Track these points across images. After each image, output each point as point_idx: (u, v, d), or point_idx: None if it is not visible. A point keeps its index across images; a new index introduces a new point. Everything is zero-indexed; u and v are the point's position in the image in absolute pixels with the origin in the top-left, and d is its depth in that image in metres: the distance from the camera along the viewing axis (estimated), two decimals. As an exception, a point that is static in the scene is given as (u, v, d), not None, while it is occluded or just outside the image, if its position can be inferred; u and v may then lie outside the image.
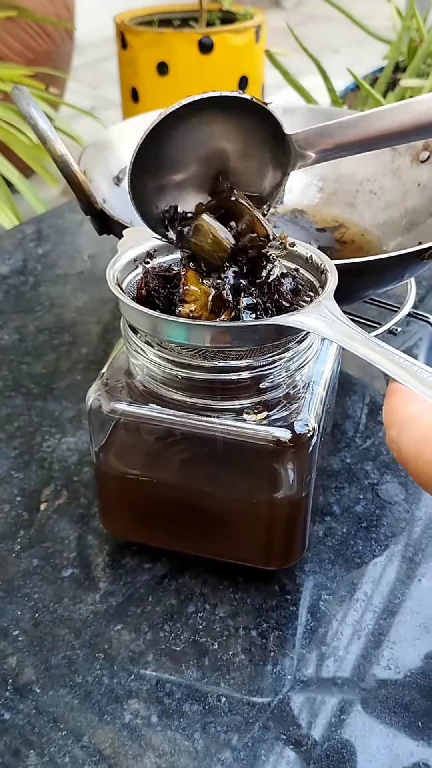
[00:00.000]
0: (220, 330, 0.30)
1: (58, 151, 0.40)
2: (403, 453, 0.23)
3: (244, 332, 0.30)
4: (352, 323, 0.28)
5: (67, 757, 0.30)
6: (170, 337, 0.30)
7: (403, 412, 0.24)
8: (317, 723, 0.31)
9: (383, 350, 0.26)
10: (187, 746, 0.31)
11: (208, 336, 0.30)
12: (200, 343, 0.30)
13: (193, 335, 0.30)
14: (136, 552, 0.39)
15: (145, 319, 0.30)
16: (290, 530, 0.35)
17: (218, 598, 0.36)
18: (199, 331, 0.30)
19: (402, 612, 0.36)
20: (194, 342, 0.30)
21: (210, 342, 0.30)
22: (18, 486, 0.43)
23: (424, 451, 0.22)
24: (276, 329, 0.30)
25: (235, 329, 0.30)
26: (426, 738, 0.31)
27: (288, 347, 0.32)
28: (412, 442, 0.23)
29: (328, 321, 0.29)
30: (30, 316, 0.58)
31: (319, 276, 0.33)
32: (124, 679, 0.33)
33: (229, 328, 0.30)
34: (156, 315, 0.30)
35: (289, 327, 0.29)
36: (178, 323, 0.30)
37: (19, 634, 0.35)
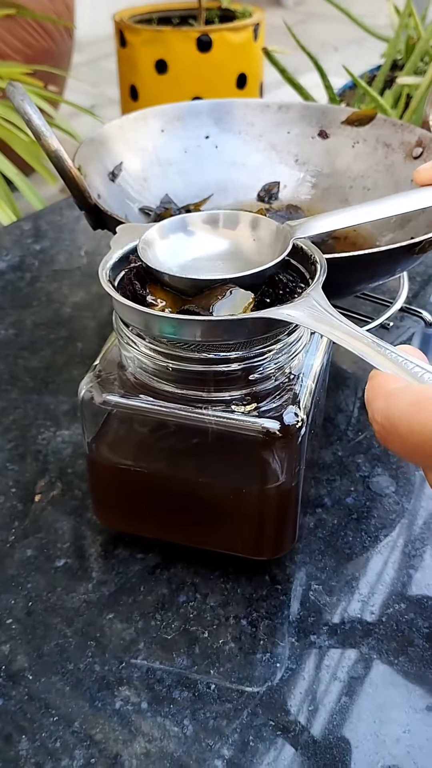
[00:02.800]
0: (209, 324, 0.30)
1: (52, 146, 0.40)
2: (392, 419, 0.23)
3: (234, 326, 0.30)
4: (340, 316, 0.29)
5: (59, 742, 0.31)
6: (161, 332, 0.31)
7: (388, 386, 0.24)
8: (305, 710, 0.32)
9: (370, 342, 0.27)
10: (176, 732, 0.31)
11: (198, 331, 0.30)
12: (191, 338, 0.31)
13: (184, 330, 0.30)
14: (128, 543, 0.39)
15: (135, 315, 0.31)
16: (280, 521, 0.36)
17: (209, 588, 0.37)
18: (189, 326, 0.30)
19: (390, 601, 0.36)
20: (185, 337, 0.31)
21: (200, 336, 0.30)
22: (13, 478, 0.43)
23: (419, 411, 0.22)
24: (265, 322, 0.30)
25: (224, 323, 0.30)
26: (412, 724, 0.31)
27: (278, 339, 0.33)
28: (404, 405, 0.23)
29: (317, 314, 0.29)
30: (27, 312, 0.59)
31: (309, 267, 0.33)
32: (115, 666, 0.33)
33: (218, 322, 0.30)
34: (146, 311, 0.30)
35: (278, 320, 0.30)
36: (168, 319, 0.30)
37: (13, 623, 0.35)
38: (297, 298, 0.30)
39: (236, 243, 0.35)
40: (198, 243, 0.35)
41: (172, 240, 0.34)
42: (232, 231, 0.35)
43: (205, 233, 0.35)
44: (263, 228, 0.35)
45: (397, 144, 0.54)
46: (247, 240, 0.35)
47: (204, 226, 0.35)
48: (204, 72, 1.63)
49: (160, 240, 0.34)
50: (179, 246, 0.34)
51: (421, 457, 0.23)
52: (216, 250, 0.35)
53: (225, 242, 0.35)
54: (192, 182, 0.58)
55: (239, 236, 0.35)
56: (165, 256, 0.34)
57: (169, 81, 1.64)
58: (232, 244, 0.35)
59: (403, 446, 0.23)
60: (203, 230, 0.35)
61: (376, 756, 0.30)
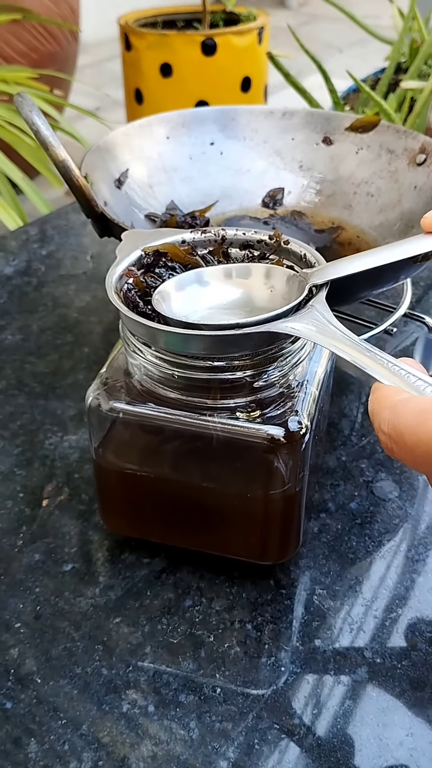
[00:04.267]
0: (214, 339, 0.30)
1: (60, 156, 0.41)
2: (399, 429, 0.23)
3: (238, 339, 0.30)
4: (343, 328, 0.29)
5: (67, 745, 0.31)
6: (167, 345, 0.31)
7: (393, 398, 0.25)
8: (309, 713, 0.32)
9: (373, 355, 0.27)
10: (182, 735, 0.31)
11: (203, 344, 0.30)
12: (196, 351, 0.31)
13: (189, 344, 0.31)
14: (135, 547, 0.39)
15: (142, 328, 0.31)
16: (285, 526, 0.36)
17: (215, 593, 0.37)
18: (194, 340, 0.30)
19: (394, 606, 0.37)
20: (190, 350, 0.31)
21: (205, 350, 0.31)
22: (20, 483, 0.44)
23: (426, 422, 0.23)
24: (269, 335, 0.30)
25: (228, 337, 0.30)
26: (415, 728, 0.32)
27: (282, 348, 0.33)
28: (410, 416, 0.23)
29: (320, 326, 0.29)
30: (33, 316, 0.59)
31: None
32: (122, 670, 0.34)
33: (223, 336, 0.30)
34: (153, 325, 0.31)
35: (282, 333, 0.30)
36: (173, 333, 0.30)
37: (21, 627, 0.36)
38: (301, 310, 0.31)
39: (252, 295, 0.35)
40: (213, 294, 0.35)
41: (188, 292, 0.34)
42: (246, 281, 0.35)
43: (220, 284, 0.35)
44: (277, 277, 0.34)
45: (401, 150, 0.55)
46: (262, 289, 0.35)
47: (219, 278, 0.35)
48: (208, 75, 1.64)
49: (175, 292, 0.34)
50: (194, 298, 0.34)
51: (428, 466, 0.23)
52: (231, 299, 0.35)
53: (239, 292, 0.35)
54: (197, 189, 0.58)
55: (253, 286, 0.35)
56: (179, 307, 0.33)
57: (174, 84, 1.64)
58: (246, 294, 0.35)
59: (411, 456, 0.23)
60: (218, 281, 0.35)
61: (380, 759, 0.31)
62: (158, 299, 0.33)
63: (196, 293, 0.34)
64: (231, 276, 0.35)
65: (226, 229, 0.37)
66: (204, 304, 0.34)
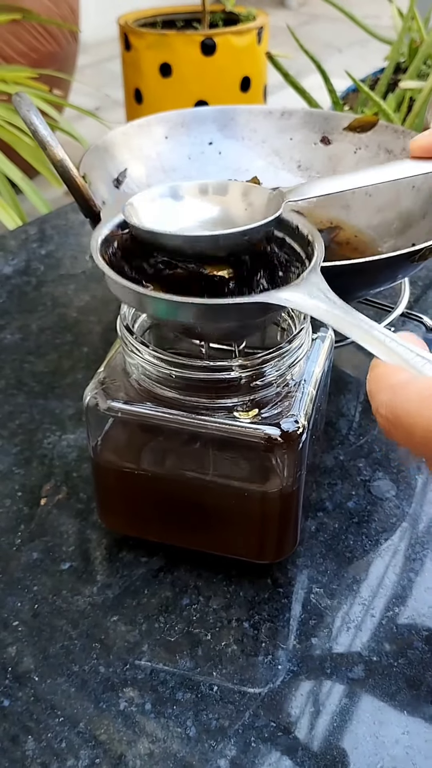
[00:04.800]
0: (203, 307, 0.29)
1: (58, 156, 0.41)
2: (397, 412, 0.23)
3: (228, 310, 0.29)
4: (339, 300, 0.28)
5: (64, 742, 0.31)
6: (154, 313, 0.30)
7: (392, 378, 0.24)
8: (306, 711, 0.32)
9: (371, 329, 0.26)
10: (179, 733, 0.32)
11: (192, 313, 0.29)
12: (184, 320, 0.30)
13: (178, 312, 0.29)
14: (132, 546, 0.40)
15: (129, 294, 0.30)
16: (282, 524, 0.36)
17: (212, 591, 0.37)
18: (183, 308, 0.29)
19: (391, 605, 0.37)
20: (179, 318, 0.30)
21: (194, 319, 0.29)
22: (19, 482, 0.44)
23: (426, 408, 0.22)
24: (261, 307, 0.29)
25: (218, 306, 0.29)
26: (411, 726, 0.32)
27: (280, 347, 0.33)
28: (410, 399, 0.22)
29: (314, 298, 0.28)
30: (33, 316, 0.60)
31: (306, 247, 0.32)
32: (119, 668, 0.34)
33: (212, 305, 0.29)
34: (140, 291, 0.29)
35: (275, 304, 0.29)
36: (161, 300, 0.29)
37: (19, 625, 0.36)
38: (294, 281, 0.29)
39: (227, 210, 0.33)
40: (187, 210, 0.33)
41: (160, 206, 0.33)
42: (222, 198, 0.34)
43: (195, 200, 0.34)
44: (255, 195, 0.33)
45: (399, 150, 0.55)
46: (239, 207, 0.33)
47: (194, 194, 0.34)
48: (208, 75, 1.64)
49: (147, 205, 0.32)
50: (167, 212, 0.33)
51: (426, 451, 0.23)
52: (206, 216, 0.33)
53: (216, 209, 0.34)
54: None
55: (230, 203, 0.34)
56: (152, 222, 0.32)
57: (174, 84, 1.64)
58: (223, 211, 0.33)
59: (409, 440, 0.23)
60: (193, 197, 0.34)
61: (376, 757, 0.31)
62: (129, 210, 0.31)
63: (169, 207, 0.33)
64: (207, 192, 0.34)
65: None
66: (178, 221, 0.33)
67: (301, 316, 0.35)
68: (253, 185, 0.34)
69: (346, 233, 0.55)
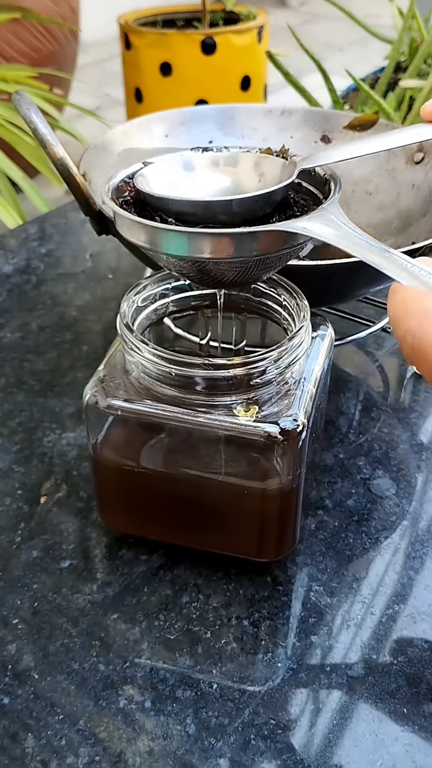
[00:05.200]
0: (220, 238, 0.28)
1: (58, 155, 0.41)
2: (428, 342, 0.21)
3: (246, 240, 0.28)
4: (358, 229, 0.27)
5: (64, 740, 0.31)
6: (170, 249, 0.29)
7: (420, 303, 0.22)
8: (306, 709, 0.32)
9: (390, 255, 0.26)
10: (179, 730, 0.32)
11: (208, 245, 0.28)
12: (199, 255, 0.28)
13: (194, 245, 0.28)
14: (132, 544, 0.40)
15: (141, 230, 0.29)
16: (281, 522, 0.36)
17: (212, 589, 0.37)
18: (200, 241, 0.28)
19: (390, 603, 0.37)
20: (193, 253, 0.28)
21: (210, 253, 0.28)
22: (19, 480, 0.44)
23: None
24: (279, 238, 0.28)
25: (236, 236, 0.28)
26: (410, 723, 0.32)
27: (281, 344, 0.33)
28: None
29: (334, 226, 0.27)
30: (32, 315, 0.60)
31: (323, 188, 0.32)
32: (119, 666, 0.34)
33: (229, 235, 0.28)
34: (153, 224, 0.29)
35: (293, 234, 0.28)
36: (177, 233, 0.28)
37: (19, 623, 0.36)
38: (313, 212, 0.29)
39: (239, 180, 0.33)
40: (200, 180, 0.33)
41: (172, 178, 0.32)
42: (234, 168, 0.33)
43: (207, 171, 0.33)
44: (268, 165, 0.33)
45: (399, 149, 0.55)
46: (252, 177, 0.33)
47: (206, 165, 0.33)
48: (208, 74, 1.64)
49: (159, 175, 0.32)
50: (179, 183, 0.32)
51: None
52: (219, 186, 0.33)
53: (228, 179, 0.33)
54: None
55: (243, 173, 0.33)
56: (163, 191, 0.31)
57: (174, 83, 1.64)
58: (235, 181, 0.33)
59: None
60: (205, 168, 0.33)
61: (375, 754, 0.31)
62: (141, 179, 0.31)
63: (182, 177, 0.33)
64: (218, 164, 0.33)
65: (228, 147, 0.35)
66: (190, 191, 0.32)
67: (301, 314, 0.35)
68: (266, 156, 0.34)
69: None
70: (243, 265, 0.30)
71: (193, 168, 0.33)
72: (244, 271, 0.30)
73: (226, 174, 0.34)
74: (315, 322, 0.38)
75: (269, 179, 0.33)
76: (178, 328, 0.43)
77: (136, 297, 0.37)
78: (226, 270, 0.30)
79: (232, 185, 0.33)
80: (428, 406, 0.50)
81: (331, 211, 0.28)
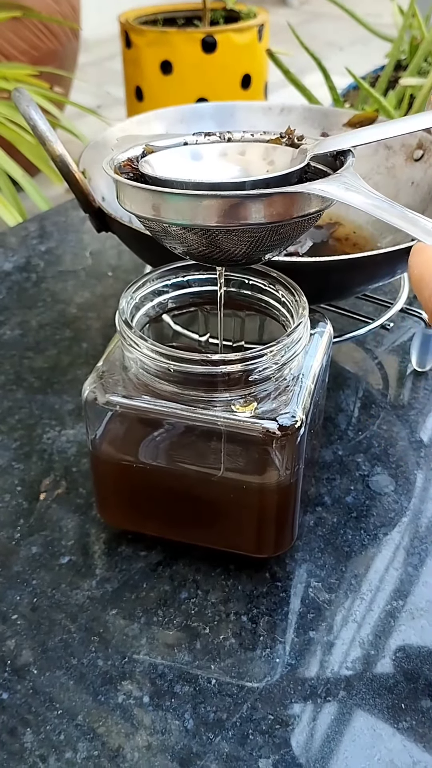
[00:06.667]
0: (231, 201, 0.26)
1: (57, 151, 0.41)
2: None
3: (259, 204, 0.27)
4: (377, 193, 0.27)
5: (62, 735, 0.31)
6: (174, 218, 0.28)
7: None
8: (304, 704, 0.33)
9: (409, 215, 0.25)
10: (177, 725, 0.32)
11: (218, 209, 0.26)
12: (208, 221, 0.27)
13: (201, 209, 0.27)
14: (131, 540, 0.40)
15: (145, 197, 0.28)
16: (280, 518, 0.37)
17: (210, 585, 0.37)
18: (208, 204, 0.26)
19: (389, 599, 0.37)
20: (202, 220, 0.27)
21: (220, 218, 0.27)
22: (18, 476, 0.44)
23: None
24: (295, 202, 0.27)
25: (248, 199, 0.27)
26: (408, 719, 0.32)
27: (279, 340, 0.33)
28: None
29: (350, 190, 0.27)
30: (32, 312, 0.60)
31: (336, 164, 0.31)
32: (118, 661, 0.34)
33: (241, 197, 0.27)
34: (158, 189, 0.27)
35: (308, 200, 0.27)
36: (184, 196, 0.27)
37: (18, 618, 0.36)
38: (329, 176, 0.28)
39: (248, 169, 0.32)
40: (207, 169, 0.32)
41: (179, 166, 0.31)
42: (243, 158, 0.32)
43: (215, 159, 0.32)
44: (278, 154, 0.32)
45: (398, 146, 0.55)
46: (261, 166, 0.32)
47: (213, 155, 0.32)
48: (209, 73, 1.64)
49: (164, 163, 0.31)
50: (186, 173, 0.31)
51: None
52: (227, 175, 0.32)
53: (236, 168, 0.32)
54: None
55: (252, 162, 0.32)
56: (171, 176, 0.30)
57: (174, 82, 1.64)
58: (244, 171, 0.32)
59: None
60: (213, 157, 0.32)
61: (373, 749, 0.31)
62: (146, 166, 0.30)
63: (188, 166, 0.32)
64: (227, 154, 0.32)
65: (232, 132, 0.35)
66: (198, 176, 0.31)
67: (299, 311, 0.35)
68: (276, 146, 0.33)
69: (346, 229, 0.55)
70: (254, 236, 0.28)
71: (201, 157, 0.33)
72: (254, 243, 0.29)
73: (235, 162, 0.33)
74: (314, 319, 0.38)
75: (279, 167, 0.32)
76: (177, 325, 0.43)
77: (135, 294, 0.37)
78: (236, 242, 0.28)
79: (241, 173, 0.33)
80: (427, 404, 0.50)
81: (348, 176, 0.28)
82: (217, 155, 0.33)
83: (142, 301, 0.37)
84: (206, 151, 0.33)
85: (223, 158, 0.33)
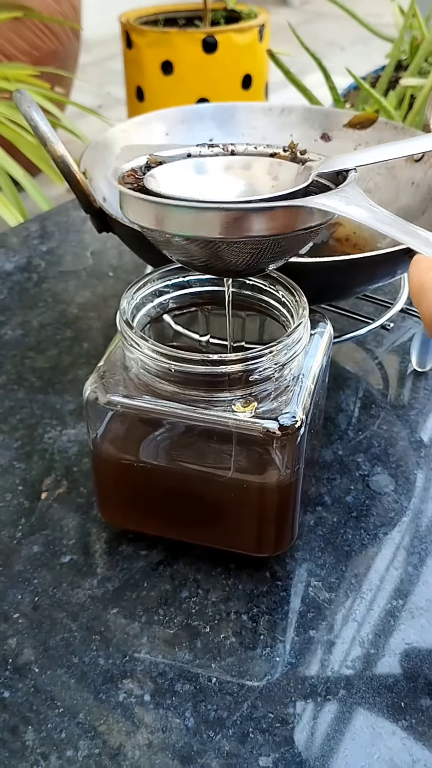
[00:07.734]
0: (234, 213, 0.27)
1: (58, 152, 0.41)
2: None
3: (261, 217, 0.27)
4: (379, 207, 0.27)
5: (64, 733, 0.32)
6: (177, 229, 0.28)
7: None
8: (304, 703, 0.33)
9: (412, 230, 0.26)
10: (178, 723, 0.32)
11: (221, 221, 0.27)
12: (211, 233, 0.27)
13: (204, 221, 0.27)
14: (132, 540, 0.40)
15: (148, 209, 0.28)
16: (280, 518, 0.37)
17: (211, 584, 0.38)
18: (211, 217, 0.27)
19: (389, 598, 0.37)
20: (205, 231, 0.27)
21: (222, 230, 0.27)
22: (20, 476, 0.44)
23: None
24: (296, 216, 0.27)
25: (251, 212, 0.27)
26: (407, 717, 0.32)
27: (280, 341, 0.33)
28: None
29: (351, 204, 0.27)
30: (33, 312, 0.60)
31: (336, 178, 0.32)
32: (119, 660, 0.34)
33: (244, 210, 0.27)
34: (161, 201, 0.28)
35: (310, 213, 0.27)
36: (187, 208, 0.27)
37: (19, 617, 0.36)
38: (331, 191, 0.29)
39: (253, 185, 0.32)
40: (211, 185, 0.32)
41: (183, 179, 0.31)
42: (248, 173, 0.32)
43: (220, 174, 0.32)
44: (283, 170, 0.32)
45: (399, 147, 0.55)
46: (266, 182, 0.32)
47: (218, 169, 0.32)
48: (209, 73, 1.64)
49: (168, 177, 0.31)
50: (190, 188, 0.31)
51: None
52: (231, 192, 0.32)
53: (241, 184, 0.32)
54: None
55: (257, 178, 0.32)
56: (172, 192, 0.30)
57: (175, 82, 1.64)
58: (249, 187, 0.32)
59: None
60: (217, 172, 0.32)
61: (372, 747, 0.31)
62: (151, 180, 0.30)
63: (192, 181, 0.32)
64: (231, 168, 0.33)
65: (235, 144, 0.35)
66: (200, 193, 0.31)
67: (300, 311, 0.35)
68: (281, 161, 0.33)
69: (346, 229, 0.55)
70: (256, 248, 0.28)
71: (206, 171, 0.33)
72: (256, 255, 0.29)
73: (240, 177, 0.33)
74: (314, 319, 0.38)
75: (284, 183, 0.32)
76: (178, 325, 0.43)
77: (136, 294, 0.37)
78: (238, 253, 0.29)
79: (246, 189, 0.33)
80: (427, 404, 0.50)
81: (349, 190, 0.28)
82: (221, 170, 0.33)
83: (143, 301, 0.38)
84: (210, 166, 0.33)
85: (228, 173, 0.33)
